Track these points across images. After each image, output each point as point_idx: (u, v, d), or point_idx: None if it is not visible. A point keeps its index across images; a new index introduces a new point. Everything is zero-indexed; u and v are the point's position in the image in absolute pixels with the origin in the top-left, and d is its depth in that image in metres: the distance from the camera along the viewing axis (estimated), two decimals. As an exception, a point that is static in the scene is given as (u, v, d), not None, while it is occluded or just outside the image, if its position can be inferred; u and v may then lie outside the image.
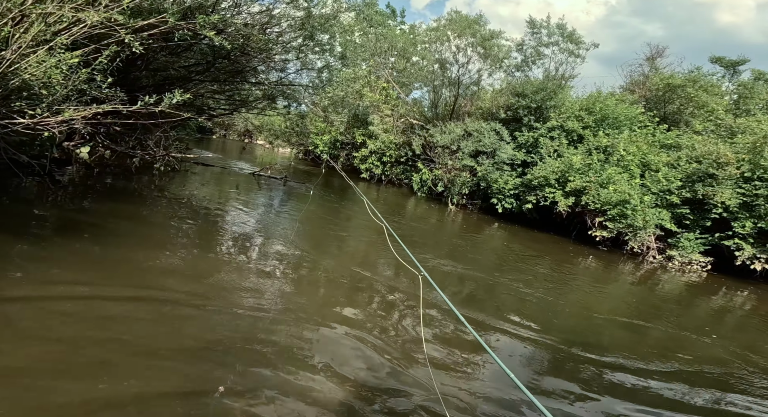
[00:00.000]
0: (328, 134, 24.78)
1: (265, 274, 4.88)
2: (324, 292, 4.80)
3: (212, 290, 4.05)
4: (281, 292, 4.44)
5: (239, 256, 5.37)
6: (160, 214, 6.58)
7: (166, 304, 3.55)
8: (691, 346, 5.26)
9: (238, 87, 14.81)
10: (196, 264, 4.70)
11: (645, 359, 4.53)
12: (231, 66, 11.21)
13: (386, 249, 7.30)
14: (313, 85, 13.35)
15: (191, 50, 10.44)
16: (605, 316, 6.05)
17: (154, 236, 5.34)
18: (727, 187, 9.73)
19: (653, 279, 9.17)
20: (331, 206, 11.45)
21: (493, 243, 10.85)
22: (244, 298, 4.06)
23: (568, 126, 13.73)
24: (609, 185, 10.89)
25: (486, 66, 17.61)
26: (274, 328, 3.55)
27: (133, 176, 8.82)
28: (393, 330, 4.10)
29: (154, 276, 4.08)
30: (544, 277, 7.82)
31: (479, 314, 5.01)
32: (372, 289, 5.20)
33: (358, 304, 4.64)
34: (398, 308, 4.75)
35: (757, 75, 17.79)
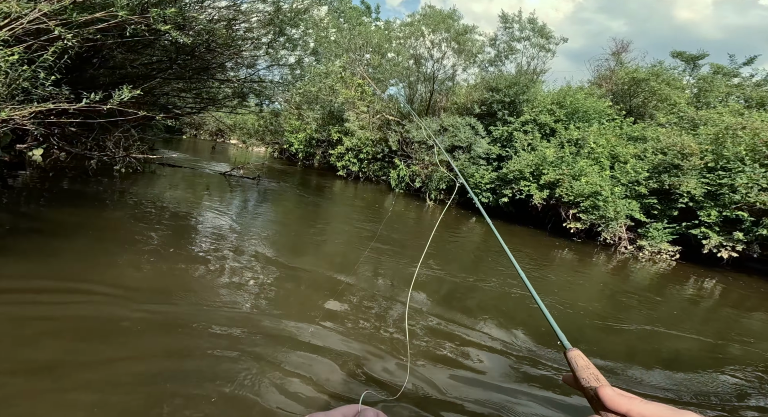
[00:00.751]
0: (303, 132, 24.37)
1: (235, 287, 4.68)
2: (302, 300, 4.64)
3: (165, 299, 3.83)
4: (254, 307, 4.26)
5: (206, 265, 5.13)
6: (118, 220, 6.22)
7: (110, 312, 3.32)
8: (663, 338, 5.39)
9: (205, 85, 14.30)
10: (153, 272, 4.44)
11: (621, 352, 4.60)
12: (196, 63, 10.78)
13: (373, 253, 7.18)
14: (284, 81, 13.01)
15: (152, 47, 9.96)
16: (582, 310, 6.14)
17: (109, 243, 5.03)
18: (691, 177, 10.09)
19: (625, 269, 9.43)
20: (307, 208, 11.22)
21: (471, 238, 10.91)
22: (206, 310, 3.86)
23: (541, 120, 13.96)
24: (581, 177, 11.12)
25: (460, 61, 17.71)
26: (241, 344, 3.37)
27: (90, 179, 8.34)
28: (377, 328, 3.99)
29: (105, 285, 3.83)
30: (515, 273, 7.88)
31: (458, 312, 4.98)
32: (353, 296, 5.08)
33: (339, 314, 4.51)
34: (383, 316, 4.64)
35: (715, 69, 18.58)
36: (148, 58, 11.17)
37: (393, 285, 5.61)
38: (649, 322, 5.79)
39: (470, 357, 3.82)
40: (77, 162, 8.97)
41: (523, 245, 10.15)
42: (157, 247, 5.17)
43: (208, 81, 13.04)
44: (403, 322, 4.17)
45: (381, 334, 3.94)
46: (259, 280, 4.87)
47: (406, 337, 3.81)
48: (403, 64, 19.90)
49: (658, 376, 4.11)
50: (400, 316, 4.45)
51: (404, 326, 4.08)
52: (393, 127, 17.61)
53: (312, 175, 20.79)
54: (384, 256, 6.84)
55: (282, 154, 29.65)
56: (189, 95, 15.17)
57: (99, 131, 10.02)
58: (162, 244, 5.35)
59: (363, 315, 4.38)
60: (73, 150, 9.08)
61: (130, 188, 8.56)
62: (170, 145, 26.12)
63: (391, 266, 6.42)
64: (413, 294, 5.30)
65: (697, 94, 16.91)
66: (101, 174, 8.75)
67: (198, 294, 4.09)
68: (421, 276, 6.16)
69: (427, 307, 4.97)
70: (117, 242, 5.06)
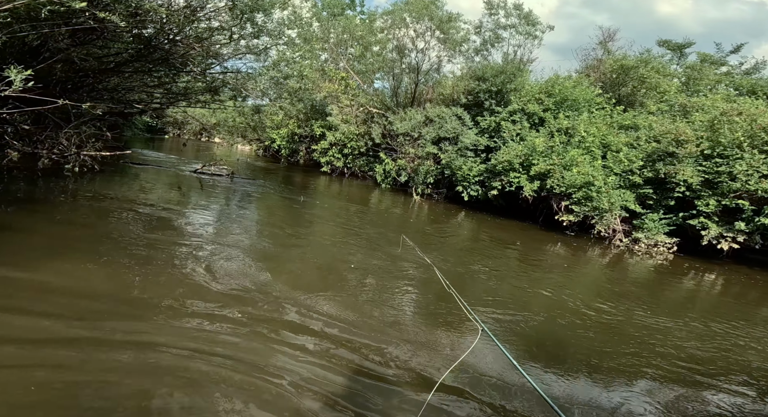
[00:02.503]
0: (285, 128, 23.52)
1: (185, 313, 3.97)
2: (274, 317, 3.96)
3: (98, 318, 3.11)
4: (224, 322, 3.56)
5: (142, 278, 4.40)
6: (56, 223, 5.45)
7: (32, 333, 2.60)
8: (667, 336, 4.85)
9: (173, 79, 13.41)
10: (97, 282, 3.72)
11: (620, 353, 4.03)
12: (156, 54, 9.91)
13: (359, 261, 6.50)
14: (253, 72, 12.19)
15: (106, 38, 9.09)
16: (577, 308, 5.57)
17: (47, 251, 4.28)
18: (687, 165, 9.64)
19: (621, 264, 8.93)
20: (283, 210, 10.50)
21: (461, 233, 10.32)
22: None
23: (529, 109, 13.42)
24: (572, 167, 10.61)
25: (445, 52, 17.08)
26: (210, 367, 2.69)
27: (39, 179, 7.50)
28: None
29: (36, 300, 3.09)
30: (513, 268, 7.32)
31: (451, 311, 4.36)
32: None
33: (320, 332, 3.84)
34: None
35: (702, 57, 18.32)
36: (104, 51, 10.30)
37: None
38: (656, 325, 5.24)
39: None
40: (27, 161, 8.10)
41: (513, 240, 9.59)
42: (89, 257, 4.43)
43: (169, 73, 12.18)
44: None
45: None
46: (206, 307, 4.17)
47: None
48: (386, 55, 19.22)
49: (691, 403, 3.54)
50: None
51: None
52: (376, 119, 16.92)
53: (295, 172, 20.00)
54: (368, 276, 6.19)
55: (266, 152, 28.69)
56: (159, 91, 14.26)
57: (53, 128, 9.16)
58: (93, 253, 4.61)
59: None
60: (22, 149, 8.21)
61: (83, 189, 7.73)
62: (151, 145, 25.02)
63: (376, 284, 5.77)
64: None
65: (686, 82, 16.58)
66: (55, 173, 7.91)
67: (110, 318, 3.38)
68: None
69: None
70: (45, 249, 4.30)
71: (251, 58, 12.85)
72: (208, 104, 16.37)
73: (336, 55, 21.47)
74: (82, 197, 6.93)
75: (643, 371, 3.78)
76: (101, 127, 14.45)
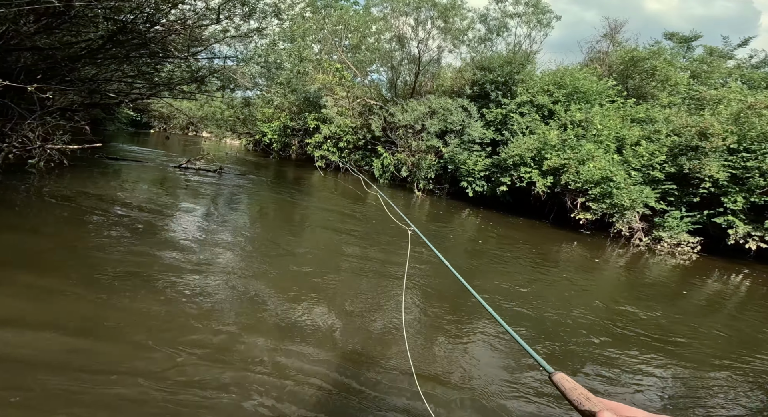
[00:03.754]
0: (276, 121, 22.49)
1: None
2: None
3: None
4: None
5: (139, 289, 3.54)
6: (16, 232, 4.53)
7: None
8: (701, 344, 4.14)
9: (156, 67, 12.34)
10: (60, 311, 2.84)
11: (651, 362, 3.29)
12: (133, 39, 8.86)
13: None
14: (244, 56, 11.21)
15: (72, 22, 8.05)
16: (598, 322, 4.84)
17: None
18: (713, 160, 9.01)
19: (644, 264, 8.27)
20: (271, 209, 9.63)
21: (466, 232, 9.55)
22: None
23: (538, 101, 12.71)
24: (588, 162, 9.92)
25: (447, 42, 16.26)
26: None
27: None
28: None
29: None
30: (527, 270, 6.57)
31: (460, 317, 3.59)
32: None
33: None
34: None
35: (709, 51, 17.84)
36: (76, 38, 9.25)
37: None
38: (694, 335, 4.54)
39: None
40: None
41: (525, 240, 8.86)
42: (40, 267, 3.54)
43: (150, 61, 11.13)
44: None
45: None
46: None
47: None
48: (384, 45, 18.34)
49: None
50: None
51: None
52: (376, 111, 16.05)
53: (287, 167, 19.03)
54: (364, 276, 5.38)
55: (257, 146, 27.55)
56: (139, 81, 13.17)
57: (18, 120, 8.11)
58: (52, 270, 3.72)
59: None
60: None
61: (49, 187, 6.75)
62: (136, 139, 23.72)
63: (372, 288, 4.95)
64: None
65: (694, 75, 16.05)
66: (22, 170, 6.94)
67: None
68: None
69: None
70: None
71: (241, 46, 11.88)
72: (194, 95, 15.30)
73: (330, 46, 20.50)
74: (47, 197, 5.97)
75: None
76: (76, 119, 13.31)
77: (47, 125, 8.10)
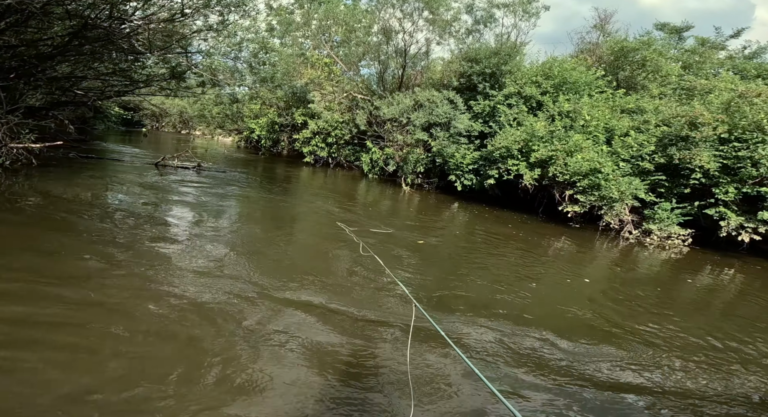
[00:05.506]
0: (264, 117, 22.10)
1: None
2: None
3: None
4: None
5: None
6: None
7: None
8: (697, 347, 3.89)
9: (132, 64, 11.96)
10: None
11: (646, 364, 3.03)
12: (95, 33, 8.48)
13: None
14: (218, 50, 10.85)
15: (32, 18, 7.67)
16: (588, 313, 4.58)
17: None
18: (703, 150, 8.77)
19: (634, 258, 8.03)
20: (258, 205, 9.32)
21: (455, 227, 9.29)
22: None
23: (526, 92, 12.43)
24: (576, 153, 9.65)
25: (434, 34, 15.93)
26: None
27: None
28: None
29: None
30: (516, 265, 6.31)
31: (447, 315, 3.33)
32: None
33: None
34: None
35: (701, 41, 17.59)
36: (39, 34, 8.86)
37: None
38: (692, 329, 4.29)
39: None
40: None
41: (514, 234, 8.59)
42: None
43: (125, 58, 10.75)
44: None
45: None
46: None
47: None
48: (371, 39, 17.97)
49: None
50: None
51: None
52: (361, 104, 15.72)
53: (277, 163, 18.69)
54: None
55: (248, 143, 27.17)
56: (115, 78, 12.77)
57: None
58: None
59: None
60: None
61: (13, 189, 6.42)
62: (128, 138, 23.26)
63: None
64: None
65: (685, 66, 15.81)
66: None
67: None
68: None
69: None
70: None
71: (213, 40, 11.50)
72: (175, 92, 14.91)
73: (318, 41, 20.10)
74: (7, 196, 5.65)
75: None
76: (53, 116, 12.89)
77: (10, 123, 7.74)
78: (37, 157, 7.99)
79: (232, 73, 15.03)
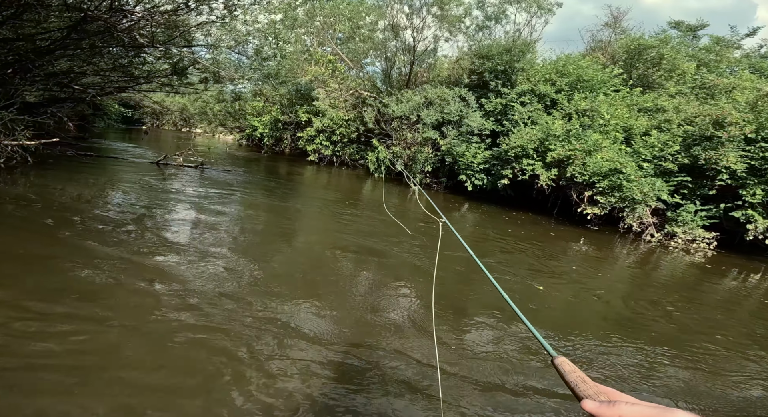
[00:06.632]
0: (267, 114, 21.71)
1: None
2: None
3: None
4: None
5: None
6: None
7: None
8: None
9: (133, 60, 11.56)
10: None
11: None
12: (94, 26, 8.07)
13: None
14: (219, 43, 10.45)
15: (28, 11, 7.29)
16: (616, 329, 4.22)
17: None
18: (730, 150, 8.39)
19: (659, 262, 7.66)
20: (262, 209, 8.94)
21: (465, 229, 8.90)
22: None
23: (540, 90, 12.05)
24: (595, 153, 9.28)
25: (443, 31, 15.54)
26: None
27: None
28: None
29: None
30: (531, 269, 5.93)
31: (463, 320, 2.96)
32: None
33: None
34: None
35: (716, 40, 17.21)
36: (36, 28, 8.46)
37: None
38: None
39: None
40: None
41: (528, 236, 8.21)
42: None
43: (126, 52, 10.36)
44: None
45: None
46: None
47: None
48: (377, 36, 17.57)
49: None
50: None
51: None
52: (369, 102, 15.34)
53: (279, 162, 18.30)
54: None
55: (250, 142, 26.75)
56: (116, 74, 12.37)
57: None
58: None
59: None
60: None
61: (8, 185, 6.05)
62: (129, 136, 22.84)
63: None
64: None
65: (701, 64, 15.43)
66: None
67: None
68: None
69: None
70: None
71: (218, 33, 11.11)
72: (176, 88, 14.51)
73: (323, 39, 19.72)
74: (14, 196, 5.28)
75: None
76: (51, 113, 12.49)
77: (4, 119, 7.35)
78: (33, 155, 7.60)
79: (236, 68, 14.62)
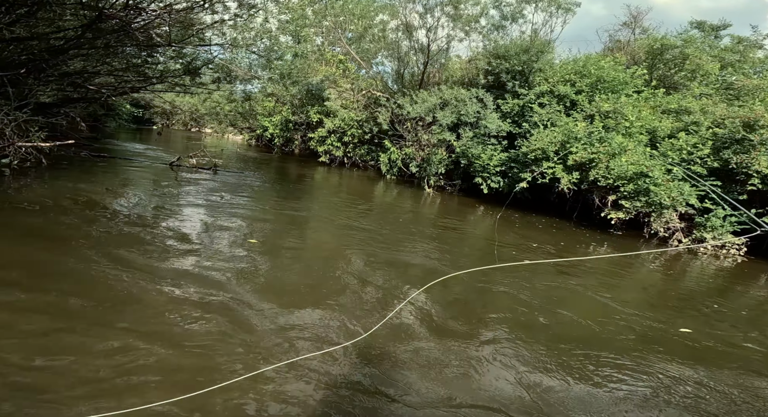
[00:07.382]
0: (278, 115, 21.61)
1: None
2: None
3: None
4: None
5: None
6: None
7: None
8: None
9: (146, 59, 11.49)
10: None
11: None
12: (110, 24, 7.95)
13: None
14: (239, 42, 10.32)
15: (42, 9, 7.20)
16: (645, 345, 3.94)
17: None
18: (762, 153, 8.06)
19: (690, 268, 7.35)
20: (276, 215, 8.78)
21: (481, 232, 8.62)
22: None
23: (559, 91, 11.75)
24: (620, 156, 8.98)
25: (457, 30, 15.28)
26: None
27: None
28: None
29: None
30: (555, 275, 5.66)
31: (479, 333, 2.70)
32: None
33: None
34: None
35: (737, 40, 16.76)
36: (50, 28, 8.38)
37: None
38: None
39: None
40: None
41: (550, 241, 7.93)
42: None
43: (139, 52, 10.27)
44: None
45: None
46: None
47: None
48: (389, 35, 17.38)
49: None
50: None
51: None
52: (383, 103, 15.13)
53: (290, 163, 18.16)
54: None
55: (259, 142, 26.69)
56: (129, 74, 12.31)
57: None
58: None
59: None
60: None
61: (23, 188, 5.94)
62: (139, 136, 22.90)
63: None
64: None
65: (724, 65, 15.00)
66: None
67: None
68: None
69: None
70: None
71: (233, 33, 10.98)
72: (189, 88, 14.44)
73: (333, 39, 19.56)
74: (15, 201, 5.16)
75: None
76: (64, 113, 12.44)
77: (18, 120, 7.26)
78: (47, 157, 7.50)
79: (249, 67, 14.51)
